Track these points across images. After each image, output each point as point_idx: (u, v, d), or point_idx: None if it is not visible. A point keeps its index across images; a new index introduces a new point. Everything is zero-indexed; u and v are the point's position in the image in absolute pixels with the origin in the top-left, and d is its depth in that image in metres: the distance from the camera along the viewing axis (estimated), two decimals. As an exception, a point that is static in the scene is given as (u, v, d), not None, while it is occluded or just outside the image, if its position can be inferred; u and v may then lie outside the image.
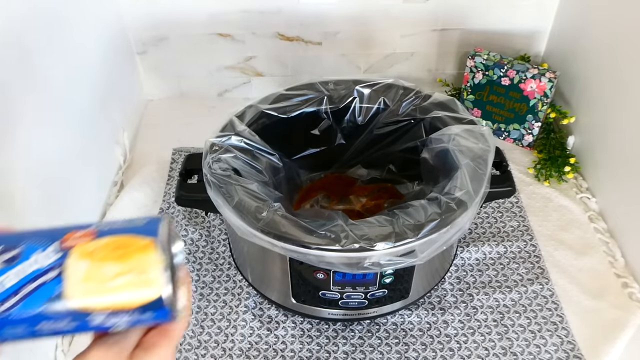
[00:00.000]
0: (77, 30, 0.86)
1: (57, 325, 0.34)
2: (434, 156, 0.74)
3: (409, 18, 1.07)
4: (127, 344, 0.36)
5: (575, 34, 1.01)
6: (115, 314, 0.34)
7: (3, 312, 0.33)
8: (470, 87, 1.04)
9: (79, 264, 0.33)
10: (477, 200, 0.65)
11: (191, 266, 0.84)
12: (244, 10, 1.05)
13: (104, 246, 0.34)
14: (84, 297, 0.33)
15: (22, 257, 0.33)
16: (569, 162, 0.96)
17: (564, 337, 0.75)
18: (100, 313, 0.34)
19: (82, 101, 0.87)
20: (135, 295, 0.33)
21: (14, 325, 0.33)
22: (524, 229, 0.89)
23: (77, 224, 0.36)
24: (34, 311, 0.33)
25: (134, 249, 0.34)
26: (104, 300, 0.33)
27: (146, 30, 1.08)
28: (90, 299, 0.33)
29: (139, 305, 0.34)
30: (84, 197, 0.87)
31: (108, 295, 0.33)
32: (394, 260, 0.61)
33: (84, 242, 0.34)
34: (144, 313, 0.34)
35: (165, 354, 0.36)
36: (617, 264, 0.84)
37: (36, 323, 0.33)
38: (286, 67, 1.15)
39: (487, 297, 0.80)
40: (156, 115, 1.15)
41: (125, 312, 0.34)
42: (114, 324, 0.34)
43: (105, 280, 0.33)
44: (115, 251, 0.34)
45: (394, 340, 0.76)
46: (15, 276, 0.33)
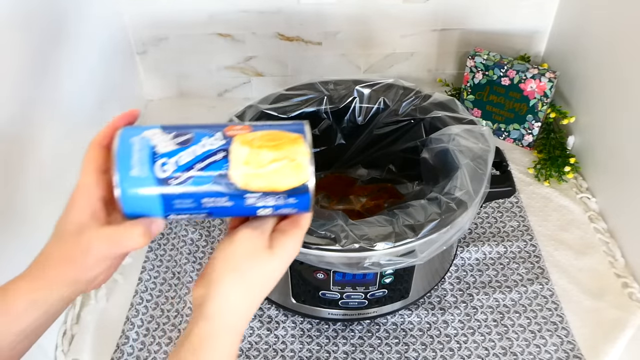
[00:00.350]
0: (77, 30, 0.86)
1: (217, 202, 0.39)
2: (434, 156, 0.74)
3: (409, 18, 1.07)
4: (267, 227, 0.42)
5: (575, 34, 1.01)
6: (266, 195, 0.40)
7: (177, 184, 0.38)
8: (470, 87, 1.04)
9: (241, 150, 0.39)
10: (477, 200, 0.65)
11: (191, 266, 0.84)
12: (244, 10, 1.05)
13: (261, 137, 0.40)
14: (245, 177, 0.39)
15: (194, 141, 0.39)
16: (569, 162, 0.96)
17: (564, 337, 0.75)
18: (255, 193, 0.39)
19: (82, 101, 0.87)
20: (286, 179, 0.39)
21: (184, 197, 0.39)
22: (524, 229, 0.89)
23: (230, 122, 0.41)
24: (202, 186, 0.38)
25: (286, 141, 0.40)
26: (260, 181, 0.39)
27: (146, 30, 1.08)
28: (250, 179, 0.39)
29: (287, 188, 0.40)
30: (84, 197, 0.87)
31: (264, 178, 0.39)
32: (394, 260, 0.61)
33: (243, 133, 0.40)
34: (288, 197, 0.40)
35: (297, 238, 0.43)
36: (617, 264, 0.84)
37: (201, 197, 0.39)
38: (286, 67, 1.15)
39: (487, 297, 0.80)
40: (156, 115, 1.15)
41: (275, 194, 0.40)
42: (262, 206, 0.40)
43: (262, 164, 0.39)
44: (270, 141, 0.40)
45: (394, 340, 0.76)
46: (189, 155, 0.38)
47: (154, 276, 0.84)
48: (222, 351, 0.40)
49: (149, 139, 0.39)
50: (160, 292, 0.82)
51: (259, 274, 0.41)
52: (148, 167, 0.38)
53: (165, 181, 0.38)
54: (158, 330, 0.77)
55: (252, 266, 0.41)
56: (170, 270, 0.85)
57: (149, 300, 0.81)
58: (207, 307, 0.40)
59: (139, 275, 0.84)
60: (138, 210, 0.39)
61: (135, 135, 0.39)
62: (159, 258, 0.86)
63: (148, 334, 0.77)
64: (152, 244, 0.88)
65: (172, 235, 0.89)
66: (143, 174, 0.38)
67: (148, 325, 0.78)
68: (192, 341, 0.39)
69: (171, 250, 0.87)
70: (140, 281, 0.83)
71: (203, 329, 0.39)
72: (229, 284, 0.40)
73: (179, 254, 0.86)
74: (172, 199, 0.39)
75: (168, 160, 0.38)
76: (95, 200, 0.39)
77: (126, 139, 0.39)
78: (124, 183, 0.38)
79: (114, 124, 0.42)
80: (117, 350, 0.75)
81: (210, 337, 0.39)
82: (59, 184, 0.78)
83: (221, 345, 0.40)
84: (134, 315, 0.78)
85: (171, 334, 0.77)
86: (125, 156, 0.38)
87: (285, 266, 0.43)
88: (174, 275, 0.84)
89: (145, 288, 0.82)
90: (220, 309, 0.40)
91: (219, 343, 0.40)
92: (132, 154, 0.38)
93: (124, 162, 0.38)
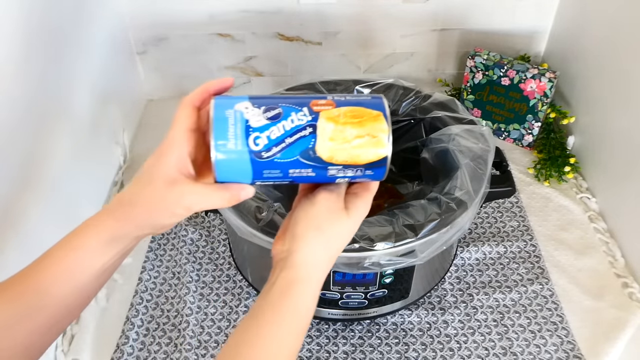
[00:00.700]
0: (77, 31, 0.86)
1: (301, 173, 0.43)
2: (434, 156, 0.74)
3: (409, 18, 1.07)
4: (342, 191, 0.47)
5: (575, 34, 1.01)
6: (347, 168, 0.43)
7: (269, 156, 0.42)
8: (470, 87, 1.04)
9: (326, 126, 0.42)
10: (477, 200, 0.65)
11: (191, 266, 0.84)
12: (244, 10, 1.05)
13: (345, 113, 0.43)
14: (329, 151, 0.42)
15: (283, 116, 0.42)
16: (569, 162, 0.96)
17: (564, 337, 0.75)
18: (337, 166, 0.43)
19: (82, 101, 0.87)
20: (367, 154, 0.43)
21: (273, 168, 0.42)
22: (524, 229, 0.89)
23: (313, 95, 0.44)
24: (290, 158, 0.42)
25: (368, 118, 0.43)
26: (343, 155, 0.43)
27: (146, 30, 1.08)
28: (334, 153, 0.43)
29: (367, 162, 0.44)
30: (84, 196, 0.87)
31: (347, 152, 0.43)
32: (394, 260, 0.61)
33: (328, 109, 0.43)
34: (366, 170, 0.44)
35: (368, 200, 0.47)
36: (617, 264, 0.84)
37: (288, 168, 0.43)
38: (286, 67, 1.15)
39: (487, 297, 0.80)
40: (156, 115, 1.15)
41: (355, 167, 0.44)
42: (342, 177, 0.44)
43: (346, 140, 0.43)
44: (354, 118, 0.43)
45: (394, 340, 0.76)
46: (279, 130, 0.42)
47: (154, 276, 0.84)
48: (307, 295, 0.44)
49: (242, 112, 0.42)
50: (160, 292, 0.82)
51: (337, 232, 0.46)
52: (243, 141, 0.41)
53: (257, 154, 0.42)
54: (158, 330, 0.77)
55: (331, 225, 0.45)
56: (170, 270, 0.85)
57: (149, 300, 0.81)
58: (292, 258, 0.44)
59: (139, 275, 0.84)
60: (229, 178, 0.43)
61: (229, 107, 0.42)
62: (159, 258, 0.86)
63: (148, 334, 0.77)
64: (152, 244, 0.88)
65: (172, 235, 0.89)
66: (238, 146, 0.41)
67: (148, 325, 0.78)
68: (279, 285, 0.43)
69: (171, 250, 0.87)
70: (140, 281, 0.83)
71: (290, 275, 0.44)
72: (312, 239, 0.45)
73: (179, 254, 0.86)
74: (262, 169, 0.42)
75: (260, 134, 0.41)
76: (186, 156, 0.43)
77: (221, 111, 0.42)
78: (221, 154, 0.41)
79: (207, 87, 0.45)
80: (117, 350, 0.75)
81: (297, 282, 0.44)
82: (59, 182, 0.78)
83: (306, 290, 0.44)
84: (134, 315, 0.78)
85: (171, 334, 0.77)
86: (221, 128, 0.41)
87: (357, 225, 0.47)
88: (174, 275, 0.84)
89: (145, 288, 0.82)
90: (304, 260, 0.44)
91: (305, 288, 0.44)
92: (228, 127, 0.41)
93: (221, 134, 0.41)
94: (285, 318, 0.43)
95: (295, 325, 0.43)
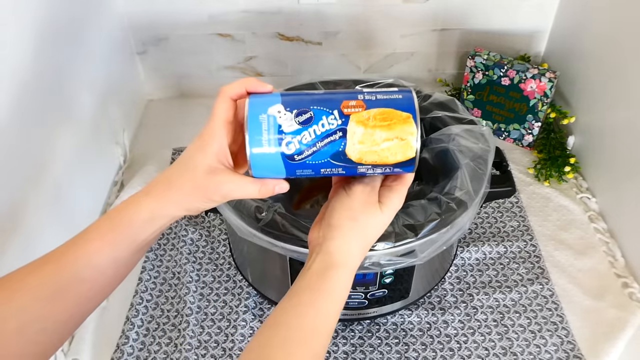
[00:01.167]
0: (77, 31, 0.86)
1: (332, 171, 0.46)
2: (434, 156, 0.74)
3: (409, 18, 1.07)
4: (377, 184, 0.49)
5: (575, 34, 1.01)
6: (376, 167, 0.46)
7: (301, 159, 0.45)
8: (470, 87, 1.04)
9: (357, 129, 0.45)
10: (477, 200, 0.65)
11: (191, 266, 0.84)
12: (244, 10, 1.05)
13: (374, 116, 0.45)
14: (359, 153, 0.45)
15: (314, 120, 0.44)
16: (569, 162, 0.96)
17: (564, 337, 0.75)
18: (365, 165, 0.46)
19: (83, 101, 0.87)
20: (396, 155, 0.46)
21: (305, 168, 0.46)
22: (524, 229, 0.89)
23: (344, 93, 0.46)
24: (321, 160, 0.45)
25: (398, 120, 0.45)
26: (372, 157, 0.45)
27: (146, 30, 1.08)
28: (363, 155, 0.45)
29: (395, 162, 0.46)
30: (84, 196, 0.87)
31: (376, 155, 0.45)
32: (394, 260, 0.61)
33: (358, 111, 0.45)
34: (395, 168, 0.47)
35: (402, 193, 0.49)
36: (617, 264, 0.84)
37: (320, 168, 0.46)
38: (286, 67, 1.15)
39: (487, 297, 0.80)
40: (156, 115, 1.15)
41: (384, 166, 0.46)
42: (372, 173, 0.47)
43: (376, 143, 0.45)
44: (383, 121, 0.45)
45: (394, 340, 0.76)
46: (310, 134, 0.44)
47: (154, 276, 0.84)
48: (342, 280, 0.46)
49: (275, 117, 0.44)
50: (160, 292, 0.82)
51: (371, 224, 0.48)
52: (276, 146, 0.44)
53: (290, 157, 0.45)
54: (158, 330, 0.77)
55: (366, 217, 0.48)
56: (170, 270, 0.85)
57: (149, 300, 0.81)
58: (327, 244, 0.47)
59: (139, 275, 0.84)
60: (265, 175, 0.46)
61: (262, 112, 0.45)
62: (159, 258, 0.86)
63: (148, 334, 0.77)
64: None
65: (172, 235, 0.89)
66: (272, 150, 0.44)
67: (148, 325, 0.78)
68: (315, 269, 0.46)
69: (171, 250, 0.87)
70: (140, 281, 0.83)
71: (326, 260, 0.46)
72: (347, 228, 0.47)
73: (179, 254, 0.86)
74: (295, 169, 0.46)
75: (292, 139, 0.44)
76: (226, 147, 0.46)
77: (255, 115, 0.44)
78: (256, 157, 0.44)
79: (246, 84, 0.47)
80: (117, 350, 0.75)
81: (332, 267, 0.46)
82: (59, 182, 0.78)
83: (340, 275, 0.46)
84: (134, 315, 0.78)
85: (171, 334, 0.77)
86: (256, 132, 0.44)
87: (391, 218, 0.49)
88: (174, 275, 0.84)
89: (145, 288, 0.82)
90: (340, 248, 0.47)
91: (339, 273, 0.46)
92: (262, 132, 0.44)
93: (256, 139, 0.44)
94: (320, 299, 0.45)
95: (331, 307, 0.45)
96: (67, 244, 0.45)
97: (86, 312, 0.46)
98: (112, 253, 0.45)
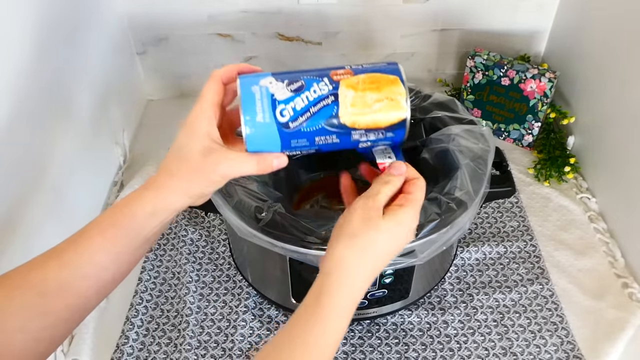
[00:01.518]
0: (77, 31, 0.86)
1: (327, 140, 0.46)
2: (434, 156, 0.74)
3: (409, 18, 1.07)
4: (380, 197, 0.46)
5: (575, 34, 1.01)
6: (369, 131, 0.46)
7: (295, 126, 0.44)
8: (470, 87, 1.04)
9: (347, 92, 0.45)
10: (477, 200, 0.65)
11: (191, 266, 0.84)
12: (243, 10, 1.05)
13: (363, 80, 0.46)
14: (352, 116, 0.45)
15: (306, 87, 0.45)
16: (569, 162, 0.96)
17: (564, 337, 0.75)
18: (359, 130, 0.46)
19: (82, 101, 0.87)
20: (388, 116, 0.46)
21: (300, 137, 0.45)
22: (524, 229, 0.89)
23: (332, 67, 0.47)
24: (316, 126, 0.45)
25: (385, 82, 0.46)
26: (365, 119, 0.45)
27: (146, 30, 1.08)
28: (356, 118, 0.45)
29: (388, 124, 0.46)
30: (84, 196, 0.87)
31: (368, 116, 0.45)
32: (393, 260, 0.60)
33: (347, 77, 0.46)
34: (387, 132, 0.47)
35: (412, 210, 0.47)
36: (617, 264, 0.84)
37: (314, 136, 0.45)
38: (286, 68, 1.15)
39: (487, 297, 0.80)
40: (156, 115, 1.15)
41: (377, 130, 0.46)
42: (365, 140, 0.47)
43: (367, 105, 0.45)
44: (372, 84, 0.46)
45: (394, 341, 0.76)
46: (303, 101, 0.44)
47: (154, 276, 0.84)
48: (340, 304, 0.44)
49: (267, 87, 0.44)
50: (160, 292, 0.82)
51: (373, 239, 0.45)
52: (270, 114, 0.44)
53: (285, 124, 0.44)
54: (158, 330, 0.77)
55: (367, 231, 0.45)
56: (170, 270, 0.85)
57: (149, 300, 0.81)
58: (324, 264, 0.45)
59: (139, 275, 0.84)
60: (259, 148, 0.45)
61: (254, 84, 0.45)
62: (159, 258, 0.86)
63: (148, 334, 0.77)
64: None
65: (172, 235, 0.89)
66: (266, 119, 0.44)
67: (148, 325, 0.78)
68: (312, 292, 0.44)
69: (171, 250, 0.87)
70: (140, 281, 0.83)
71: (321, 282, 0.44)
72: (343, 244, 0.45)
73: (179, 254, 0.86)
74: (290, 139, 0.45)
75: (286, 106, 0.44)
76: (214, 127, 0.46)
77: (248, 87, 0.45)
78: (251, 127, 0.44)
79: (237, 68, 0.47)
80: (117, 350, 0.75)
81: (328, 289, 0.43)
82: (59, 182, 0.78)
83: (338, 298, 0.44)
84: (134, 315, 0.78)
85: (171, 334, 0.77)
86: (250, 103, 0.44)
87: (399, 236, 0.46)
88: (174, 275, 0.84)
89: (145, 288, 0.82)
90: (336, 266, 0.44)
91: (337, 296, 0.43)
92: (256, 102, 0.44)
93: (250, 109, 0.44)
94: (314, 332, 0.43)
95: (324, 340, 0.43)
96: (68, 241, 0.45)
97: (88, 309, 0.46)
98: (114, 249, 0.45)
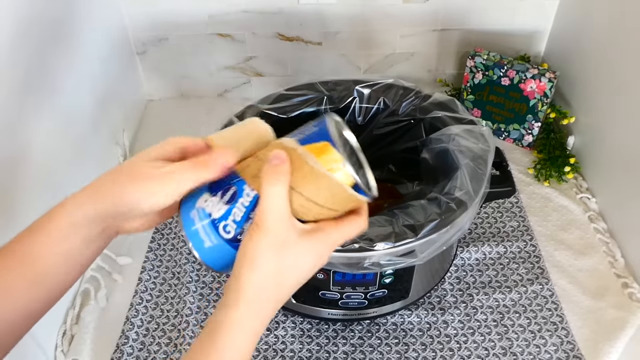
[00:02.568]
0: (77, 31, 0.86)
1: None
2: (434, 156, 0.74)
3: (409, 18, 1.07)
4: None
5: (575, 34, 1.01)
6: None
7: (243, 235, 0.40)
8: (470, 87, 1.04)
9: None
10: (477, 200, 0.65)
11: (191, 266, 0.84)
12: (244, 11, 1.05)
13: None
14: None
15: (238, 194, 0.41)
16: (569, 162, 0.96)
17: (564, 337, 0.75)
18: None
19: (83, 101, 0.87)
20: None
21: None
22: (524, 229, 0.89)
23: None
24: None
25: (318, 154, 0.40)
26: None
27: (146, 30, 1.08)
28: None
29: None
30: (84, 197, 0.87)
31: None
32: (394, 260, 0.61)
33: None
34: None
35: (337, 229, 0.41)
36: (617, 264, 0.84)
37: None
38: (286, 67, 1.15)
39: (487, 297, 0.80)
40: (156, 115, 1.15)
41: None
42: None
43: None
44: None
45: (394, 341, 0.76)
46: (239, 210, 0.41)
47: (154, 276, 0.84)
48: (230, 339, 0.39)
49: (204, 208, 0.41)
50: (160, 292, 0.82)
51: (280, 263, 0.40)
52: (215, 235, 0.41)
53: (233, 239, 0.41)
54: (158, 330, 0.77)
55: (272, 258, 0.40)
56: (170, 270, 0.85)
57: (149, 300, 0.81)
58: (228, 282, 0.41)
59: (139, 275, 0.84)
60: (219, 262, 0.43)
61: (191, 208, 0.42)
62: (158, 258, 0.86)
63: (148, 334, 0.77)
64: (151, 244, 0.88)
65: (172, 235, 0.89)
66: (214, 241, 0.41)
67: (148, 325, 0.78)
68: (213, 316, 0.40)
69: (171, 250, 0.87)
70: (140, 281, 0.83)
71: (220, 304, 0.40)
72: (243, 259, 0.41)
73: (179, 254, 0.86)
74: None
75: (226, 221, 0.41)
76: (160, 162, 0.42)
77: (187, 214, 0.42)
78: (203, 254, 0.42)
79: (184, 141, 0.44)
80: (117, 350, 0.75)
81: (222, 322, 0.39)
82: (59, 182, 0.78)
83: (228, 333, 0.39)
84: (134, 315, 0.78)
85: (171, 334, 0.77)
86: (193, 232, 0.41)
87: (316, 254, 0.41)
88: (173, 275, 0.84)
89: (145, 288, 0.82)
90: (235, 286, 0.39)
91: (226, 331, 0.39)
92: (198, 230, 0.41)
93: (195, 238, 0.42)
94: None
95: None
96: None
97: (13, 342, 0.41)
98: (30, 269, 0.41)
